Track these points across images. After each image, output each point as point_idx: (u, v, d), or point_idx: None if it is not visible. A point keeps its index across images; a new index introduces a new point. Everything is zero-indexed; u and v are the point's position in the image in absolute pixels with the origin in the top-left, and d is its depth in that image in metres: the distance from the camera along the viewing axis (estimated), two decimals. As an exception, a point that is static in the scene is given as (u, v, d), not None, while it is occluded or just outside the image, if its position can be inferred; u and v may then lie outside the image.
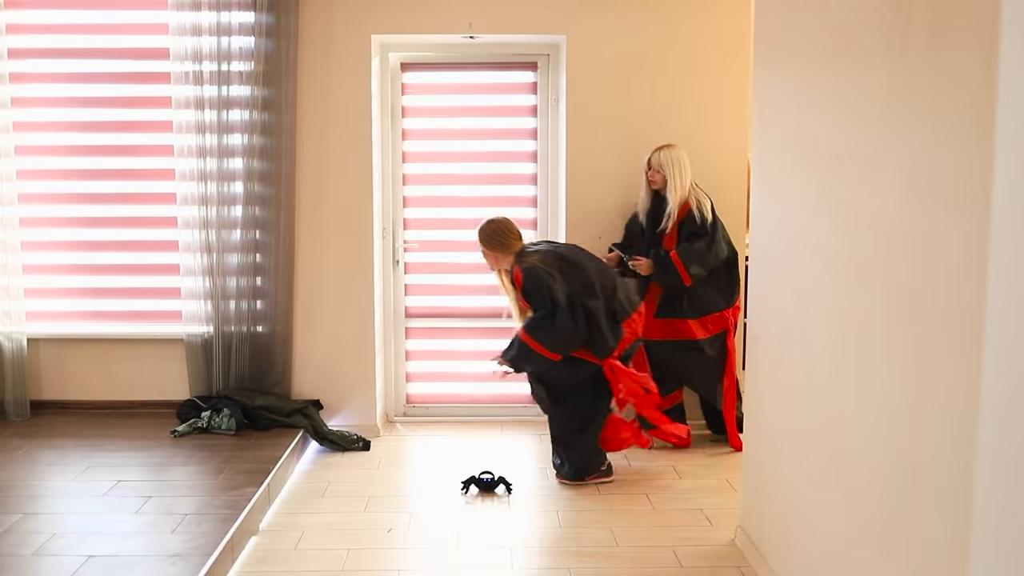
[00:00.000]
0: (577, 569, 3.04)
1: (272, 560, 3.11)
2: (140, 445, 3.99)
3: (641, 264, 4.14)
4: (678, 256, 4.06)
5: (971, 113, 1.69)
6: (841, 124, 2.34)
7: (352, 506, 3.61)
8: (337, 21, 4.34)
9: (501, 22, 4.38)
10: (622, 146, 4.42)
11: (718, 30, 4.40)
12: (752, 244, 3.14)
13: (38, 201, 4.53)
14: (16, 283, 4.41)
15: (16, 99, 4.42)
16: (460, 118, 4.73)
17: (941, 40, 1.82)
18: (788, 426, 2.76)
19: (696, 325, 4.16)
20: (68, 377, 4.55)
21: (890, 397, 2.05)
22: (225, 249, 4.36)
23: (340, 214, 4.44)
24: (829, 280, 2.42)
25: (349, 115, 4.39)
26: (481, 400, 4.87)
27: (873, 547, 2.15)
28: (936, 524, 1.85)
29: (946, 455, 1.80)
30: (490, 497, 3.68)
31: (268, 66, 4.27)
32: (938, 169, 1.83)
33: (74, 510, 3.24)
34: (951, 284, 1.78)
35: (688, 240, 4.09)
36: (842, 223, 2.33)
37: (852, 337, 2.26)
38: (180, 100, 4.29)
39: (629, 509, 3.56)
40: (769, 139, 2.96)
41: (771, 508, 2.92)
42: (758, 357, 3.08)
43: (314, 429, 4.27)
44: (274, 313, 4.41)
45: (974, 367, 1.69)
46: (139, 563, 2.78)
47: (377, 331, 4.57)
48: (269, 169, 4.33)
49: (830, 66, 2.43)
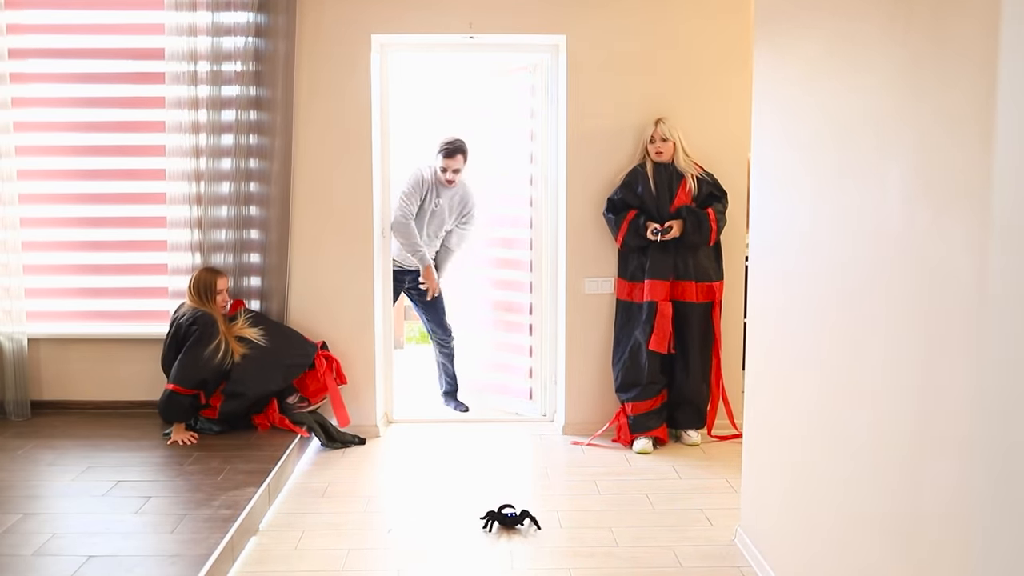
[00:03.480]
0: (577, 569, 3.04)
1: (272, 560, 3.11)
2: (140, 445, 3.99)
3: (674, 227, 4.22)
4: (715, 213, 4.24)
5: (972, 111, 1.69)
6: (841, 123, 2.34)
7: (352, 506, 3.61)
8: (337, 21, 4.34)
9: (501, 22, 4.37)
10: (622, 145, 4.42)
11: (718, 30, 4.40)
12: (752, 244, 3.14)
13: (39, 201, 4.53)
14: (16, 283, 4.41)
15: (16, 99, 4.42)
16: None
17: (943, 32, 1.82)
18: (788, 426, 2.76)
19: (695, 288, 4.29)
20: (68, 377, 4.55)
21: (890, 396, 2.05)
22: (221, 248, 4.38)
23: (340, 214, 4.44)
24: (829, 280, 2.42)
25: (349, 115, 4.39)
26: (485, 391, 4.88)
27: (874, 547, 2.15)
28: (937, 523, 1.85)
29: (947, 454, 1.80)
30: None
31: (268, 66, 4.28)
32: (938, 167, 1.83)
33: (74, 510, 3.24)
34: (951, 283, 1.78)
35: (707, 200, 4.28)
36: (842, 222, 2.33)
37: (852, 337, 2.26)
38: (176, 100, 4.30)
39: (629, 509, 3.56)
40: (769, 139, 2.96)
41: (771, 508, 2.91)
42: (758, 356, 3.08)
43: (322, 428, 4.29)
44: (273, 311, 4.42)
45: (974, 367, 1.69)
46: (139, 563, 2.78)
47: (377, 331, 4.57)
48: (267, 169, 4.34)
49: (830, 64, 2.43)
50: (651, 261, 4.25)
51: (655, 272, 4.24)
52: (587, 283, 4.49)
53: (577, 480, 3.91)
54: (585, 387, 4.54)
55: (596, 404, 4.54)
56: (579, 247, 4.47)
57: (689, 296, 4.28)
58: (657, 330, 4.22)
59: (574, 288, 4.50)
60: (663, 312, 4.22)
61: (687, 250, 4.27)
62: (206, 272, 4.19)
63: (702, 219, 4.22)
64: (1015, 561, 1.56)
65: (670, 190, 4.26)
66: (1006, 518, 1.59)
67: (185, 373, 3.97)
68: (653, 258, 4.25)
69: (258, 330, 4.15)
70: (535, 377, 4.85)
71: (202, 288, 4.14)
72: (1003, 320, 1.59)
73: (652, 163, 4.29)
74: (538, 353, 4.81)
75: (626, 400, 4.32)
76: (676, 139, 4.26)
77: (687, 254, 4.28)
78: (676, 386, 4.36)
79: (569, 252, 4.46)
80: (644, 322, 4.24)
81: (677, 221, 4.22)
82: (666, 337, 4.22)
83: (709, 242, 4.28)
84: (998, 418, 1.61)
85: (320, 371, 4.30)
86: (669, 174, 4.28)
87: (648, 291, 4.24)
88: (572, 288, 4.50)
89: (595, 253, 4.47)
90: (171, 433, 4.02)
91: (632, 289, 4.35)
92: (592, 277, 4.49)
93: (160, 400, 4.01)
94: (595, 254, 4.47)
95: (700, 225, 4.22)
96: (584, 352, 4.52)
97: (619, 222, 4.28)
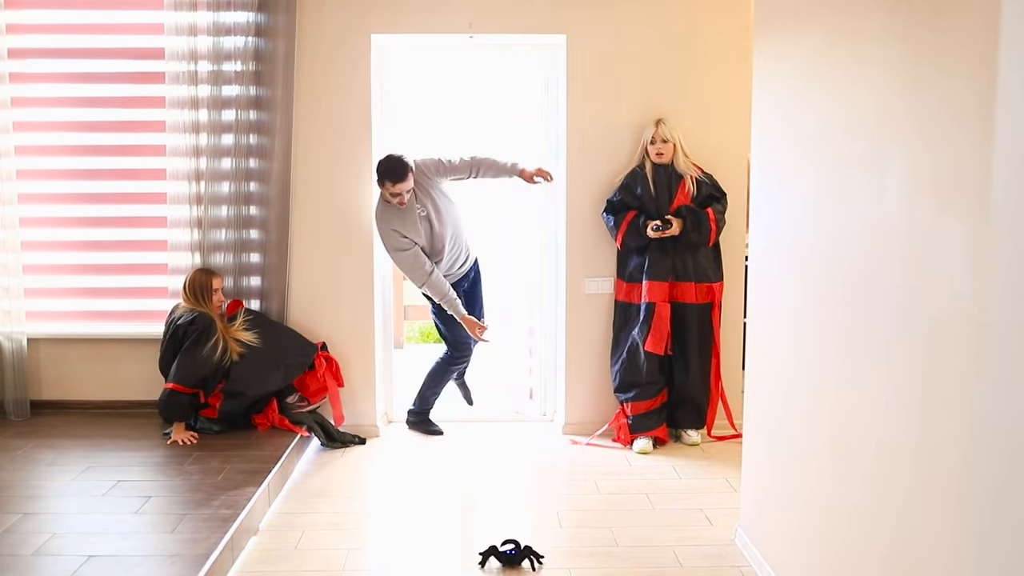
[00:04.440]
0: (577, 569, 3.03)
1: (272, 560, 3.11)
2: (140, 445, 3.99)
3: (674, 224, 4.21)
4: (714, 213, 4.24)
5: (972, 109, 1.69)
6: (842, 118, 2.34)
7: (352, 506, 3.61)
8: (337, 21, 4.34)
9: (501, 22, 4.37)
10: (622, 145, 4.42)
11: (718, 30, 4.40)
12: (752, 244, 3.14)
13: (38, 201, 4.53)
14: (16, 283, 4.41)
15: (16, 99, 4.42)
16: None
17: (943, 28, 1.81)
18: (789, 426, 2.76)
19: (694, 289, 4.28)
20: (68, 377, 4.55)
21: (891, 396, 2.05)
22: (221, 248, 4.38)
23: (340, 214, 4.44)
24: (829, 280, 2.42)
25: (349, 115, 4.38)
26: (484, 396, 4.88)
27: (874, 547, 2.15)
28: (938, 523, 1.85)
29: (948, 454, 1.80)
30: (491, 499, 3.60)
31: (268, 66, 4.28)
32: (939, 166, 1.83)
33: (74, 510, 3.24)
34: (951, 282, 1.78)
35: (706, 201, 4.28)
36: (842, 222, 2.32)
37: (852, 336, 2.26)
38: (176, 100, 4.30)
39: (629, 509, 3.56)
40: (769, 136, 2.96)
41: (771, 508, 2.91)
42: (758, 356, 3.08)
43: (322, 427, 4.28)
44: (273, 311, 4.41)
45: (974, 366, 1.69)
46: (139, 563, 2.77)
47: (377, 331, 4.57)
48: (267, 169, 4.34)
49: (831, 58, 2.42)
50: (650, 262, 4.25)
51: (654, 273, 4.23)
52: (587, 283, 4.49)
53: (577, 480, 3.91)
54: (585, 387, 4.54)
55: (596, 404, 4.53)
56: (579, 247, 4.47)
57: (688, 297, 4.28)
58: (654, 331, 4.21)
59: (574, 288, 4.50)
60: (660, 313, 4.21)
61: (686, 251, 4.27)
62: (201, 273, 4.19)
63: (701, 218, 4.22)
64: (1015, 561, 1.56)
65: (669, 191, 4.26)
66: (1006, 517, 1.59)
67: (185, 372, 3.97)
68: (652, 259, 4.25)
69: (253, 333, 4.15)
70: (535, 377, 4.85)
71: (198, 289, 4.14)
72: (1003, 320, 1.59)
73: (651, 164, 4.29)
74: (538, 353, 4.81)
75: (625, 400, 4.32)
76: (676, 140, 4.27)
77: (686, 255, 4.27)
78: (676, 386, 4.36)
79: (569, 252, 4.46)
80: (642, 323, 4.24)
81: (677, 219, 4.22)
82: (663, 338, 4.22)
83: (708, 242, 4.28)
84: (998, 417, 1.61)
85: (320, 371, 4.30)
86: (668, 175, 4.28)
87: (646, 292, 4.24)
88: (572, 288, 4.50)
89: (595, 253, 4.47)
90: (171, 433, 4.02)
91: (631, 290, 4.35)
92: (592, 277, 4.49)
93: (160, 399, 4.01)
94: (595, 254, 4.47)
95: (699, 224, 4.22)
96: (584, 352, 4.52)
97: (618, 223, 4.28)
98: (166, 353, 4.13)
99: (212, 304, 4.14)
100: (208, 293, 4.14)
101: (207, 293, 4.13)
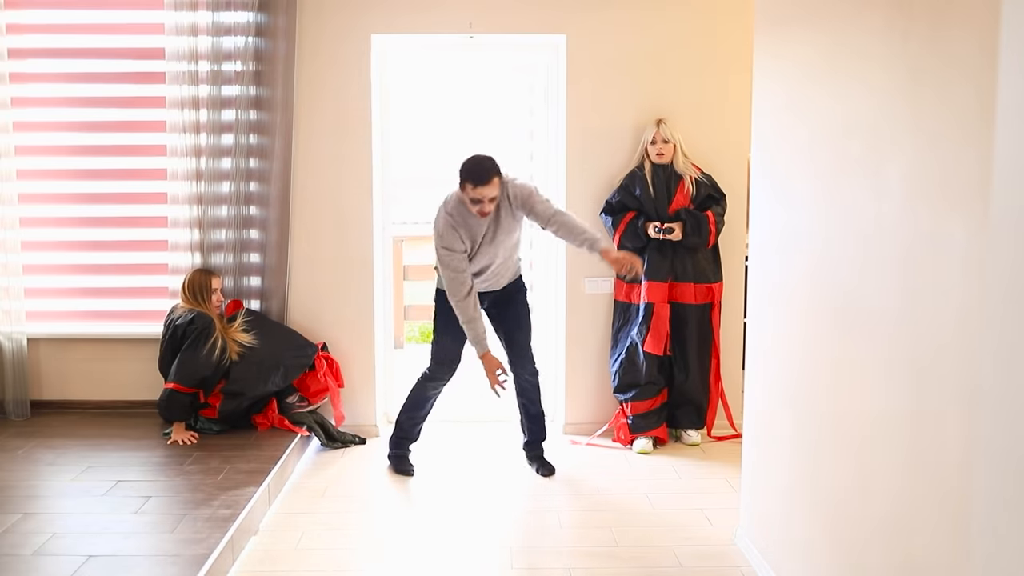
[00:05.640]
0: (577, 569, 3.04)
1: (272, 560, 3.11)
2: (140, 445, 3.99)
3: (676, 230, 4.21)
4: (714, 216, 4.23)
5: (973, 110, 1.69)
6: (841, 122, 2.34)
7: (352, 506, 3.61)
8: (337, 21, 4.34)
9: (501, 22, 4.37)
10: (622, 146, 4.42)
11: (718, 30, 4.40)
12: (752, 245, 3.14)
13: (38, 201, 4.53)
14: (16, 283, 4.41)
15: (16, 99, 4.42)
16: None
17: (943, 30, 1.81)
18: (788, 426, 2.76)
19: (694, 289, 4.28)
20: (68, 377, 4.55)
21: (891, 396, 2.05)
22: (221, 248, 4.38)
23: (340, 214, 4.44)
24: (829, 280, 2.42)
25: (349, 115, 4.39)
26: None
27: (875, 546, 2.15)
28: (938, 523, 1.85)
29: (948, 454, 1.80)
30: (491, 499, 3.64)
31: (268, 66, 4.28)
32: (939, 167, 1.83)
33: (74, 510, 3.24)
34: (951, 282, 1.78)
35: (705, 202, 4.27)
36: (842, 223, 2.33)
37: (852, 335, 2.26)
38: (176, 100, 4.30)
39: (629, 509, 3.56)
40: (769, 138, 2.96)
41: (771, 508, 2.91)
42: (758, 357, 3.08)
43: (322, 427, 4.29)
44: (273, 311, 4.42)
45: (975, 366, 1.69)
46: (139, 563, 2.77)
47: (377, 331, 4.57)
48: (267, 169, 4.35)
49: (830, 64, 2.42)
50: (649, 263, 4.24)
51: (653, 274, 4.24)
52: (587, 283, 4.49)
53: (577, 480, 3.91)
54: (585, 387, 4.54)
55: (596, 404, 4.54)
56: (579, 247, 4.46)
57: (687, 298, 4.28)
58: (653, 331, 4.21)
59: (574, 288, 4.50)
60: (660, 314, 4.21)
61: (685, 252, 4.27)
62: (200, 273, 4.19)
63: (701, 221, 4.22)
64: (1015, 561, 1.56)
65: (668, 192, 4.26)
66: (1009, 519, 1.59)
67: (185, 371, 3.97)
68: (651, 260, 4.25)
69: (251, 335, 4.15)
70: (535, 377, 4.84)
71: (197, 289, 4.14)
72: (1004, 320, 1.59)
73: (650, 165, 4.29)
74: (538, 353, 4.79)
75: (625, 401, 4.32)
76: (676, 140, 4.27)
77: (685, 256, 4.27)
78: (676, 386, 4.36)
79: (569, 252, 4.46)
80: (641, 323, 4.24)
81: (678, 224, 4.22)
82: (662, 339, 4.22)
83: (708, 244, 4.28)
84: (998, 416, 1.60)
85: (320, 372, 4.30)
86: (667, 176, 4.28)
87: (646, 292, 4.24)
88: (572, 288, 4.50)
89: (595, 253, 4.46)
90: (171, 433, 4.02)
91: (630, 290, 4.35)
92: (592, 277, 4.49)
93: (160, 399, 4.01)
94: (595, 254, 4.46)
95: (699, 227, 4.21)
96: (584, 352, 4.52)
97: (616, 224, 4.28)
98: (166, 353, 4.13)
99: (211, 304, 4.14)
100: (207, 293, 4.14)
101: (206, 293, 4.14)
